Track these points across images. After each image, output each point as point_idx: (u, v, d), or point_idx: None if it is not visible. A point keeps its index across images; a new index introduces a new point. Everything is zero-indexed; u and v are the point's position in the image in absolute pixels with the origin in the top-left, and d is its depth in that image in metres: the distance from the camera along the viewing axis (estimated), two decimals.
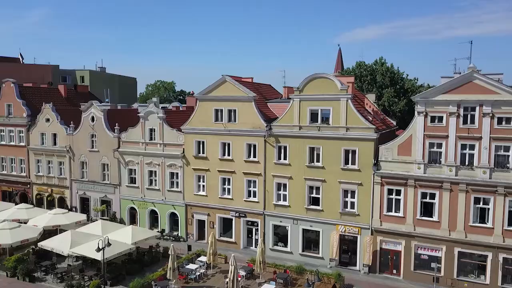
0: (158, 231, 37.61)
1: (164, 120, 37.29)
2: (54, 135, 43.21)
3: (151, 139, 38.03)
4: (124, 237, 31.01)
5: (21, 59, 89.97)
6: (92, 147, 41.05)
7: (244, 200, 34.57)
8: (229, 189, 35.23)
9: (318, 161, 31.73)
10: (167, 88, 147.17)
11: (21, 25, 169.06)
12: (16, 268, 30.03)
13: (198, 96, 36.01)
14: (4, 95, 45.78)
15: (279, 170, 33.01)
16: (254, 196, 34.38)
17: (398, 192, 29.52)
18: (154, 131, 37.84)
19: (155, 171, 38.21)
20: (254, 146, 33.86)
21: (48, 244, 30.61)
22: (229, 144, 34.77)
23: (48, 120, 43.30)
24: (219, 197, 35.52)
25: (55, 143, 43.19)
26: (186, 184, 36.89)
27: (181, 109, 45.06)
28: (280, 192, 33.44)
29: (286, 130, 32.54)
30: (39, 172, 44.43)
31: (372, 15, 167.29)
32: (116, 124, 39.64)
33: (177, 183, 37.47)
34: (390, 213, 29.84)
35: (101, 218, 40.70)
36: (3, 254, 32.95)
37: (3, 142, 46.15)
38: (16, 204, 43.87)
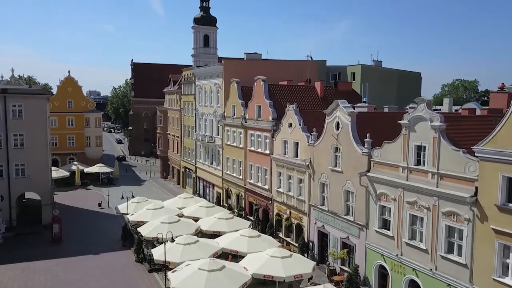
0: None
1: (441, 133, 21.11)
2: (296, 144, 33.81)
3: (418, 163, 22.58)
4: None
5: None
6: (335, 165, 29.06)
7: None
8: None
9: None
10: (467, 88, 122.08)
11: (330, 35, 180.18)
12: None
13: None
14: (255, 95, 40.08)
15: None
16: None
17: None
18: (424, 150, 22.20)
19: (422, 218, 22.52)
20: None
21: None
22: None
23: (290, 125, 34.29)
24: None
25: (296, 155, 33.78)
26: (478, 255, 19.57)
27: (478, 113, 26.94)
28: None
29: None
30: (279, 187, 36.25)
31: None
32: (368, 135, 26.19)
33: (460, 247, 20.61)
34: None
35: (340, 267, 28.54)
36: None
37: (252, 148, 40.66)
38: (258, 222, 37.51)
